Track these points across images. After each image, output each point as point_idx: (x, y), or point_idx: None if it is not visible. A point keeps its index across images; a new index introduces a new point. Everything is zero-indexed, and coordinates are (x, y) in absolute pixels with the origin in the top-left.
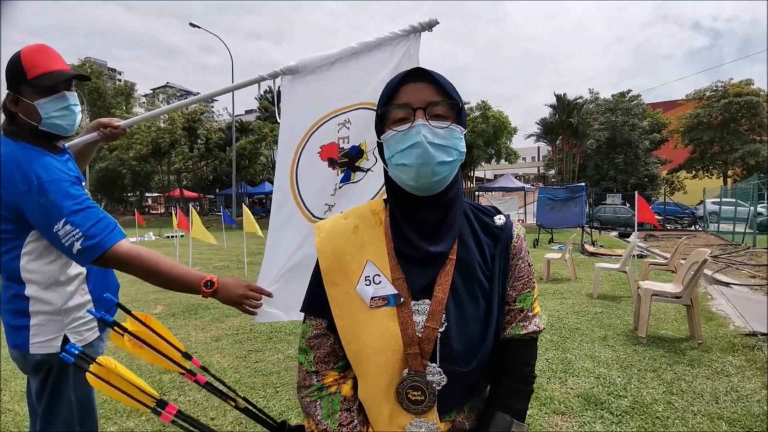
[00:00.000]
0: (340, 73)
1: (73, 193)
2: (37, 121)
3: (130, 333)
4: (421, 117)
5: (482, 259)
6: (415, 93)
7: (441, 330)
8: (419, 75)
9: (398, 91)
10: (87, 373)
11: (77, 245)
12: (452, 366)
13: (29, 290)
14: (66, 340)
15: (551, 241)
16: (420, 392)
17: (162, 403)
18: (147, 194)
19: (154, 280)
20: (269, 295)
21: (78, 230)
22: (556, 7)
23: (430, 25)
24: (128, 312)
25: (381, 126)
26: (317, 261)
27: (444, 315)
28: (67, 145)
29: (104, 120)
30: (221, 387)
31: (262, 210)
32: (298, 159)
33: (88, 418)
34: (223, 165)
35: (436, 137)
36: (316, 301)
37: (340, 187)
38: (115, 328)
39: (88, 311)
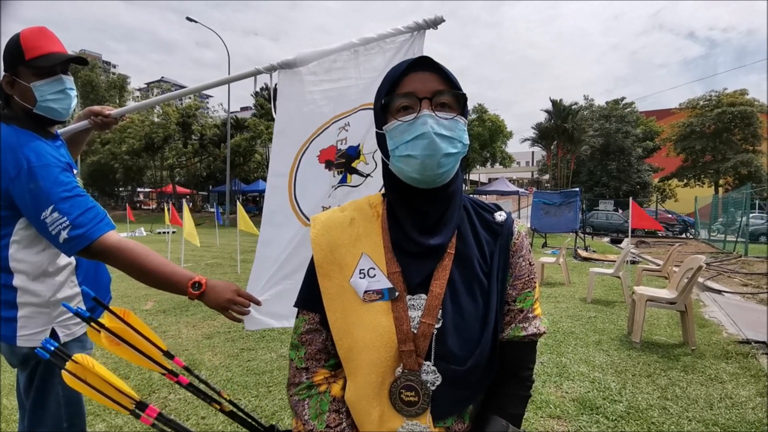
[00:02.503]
0: (340, 75)
1: (62, 179)
2: (32, 104)
3: (107, 329)
4: (427, 107)
5: (481, 255)
6: (421, 82)
7: (437, 326)
8: (424, 64)
9: (402, 80)
10: (63, 371)
11: (64, 234)
12: (447, 365)
13: (17, 280)
14: (54, 333)
15: (545, 245)
16: (414, 392)
17: (142, 405)
18: (139, 189)
19: (139, 277)
20: (258, 303)
21: (65, 218)
22: (554, 13)
23: (435, 23)
24: (105, 307)
25: (383, 116)
26: (312, 255)
27: (440, 311)
28: (59, 131)
29: (96, 108)
30: (205, 389)
31: (255, 208)
32: (298, 164)
33: (77, 415)
34: (217, 162)
35: (442, 128)
36: (310, 296)
37: (335, 188)
38: (92, 324)
39: (63, 304)
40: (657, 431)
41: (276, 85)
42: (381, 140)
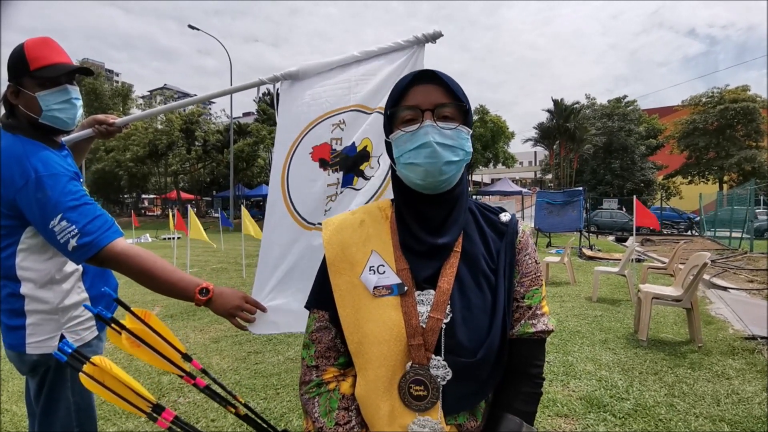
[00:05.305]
0: (339, 77)
1: (70, 188)
2: (38, 114)
3: (128, 331)
4: (429, 118)
5: (487, 253)
6: (424, 95)
7: (446, 321)
8: (428, 77)
9: (407, 93)
10: (80, 374)
11: (72, 242)
12: (458, 358)
13: (24, 288)
14: (63, 339)
15: (549, 244)
16: (423, 387)
17: (158, 408)
18: (143, 196)
19: (147, 283)
20: (263, 309)
21: (74, 227)
22: (551, 14)
23: (434, 37)
24: (127, 308)
25: (390, 126)
26: (324, 255)
27: (449, 306)
28: (63, 140)
29: (100, 116)
30: (221, 392)
31: (260, 212)
32: (290, 161)
33: (88, 420)
34: (221, 167)
35: (443, 138)
36: (320, 294)
37: (341, 192)
38: (113, 325)
39: (85, 306)
40: (664, 428)
41: (278, 90)
42: (388, 148)
